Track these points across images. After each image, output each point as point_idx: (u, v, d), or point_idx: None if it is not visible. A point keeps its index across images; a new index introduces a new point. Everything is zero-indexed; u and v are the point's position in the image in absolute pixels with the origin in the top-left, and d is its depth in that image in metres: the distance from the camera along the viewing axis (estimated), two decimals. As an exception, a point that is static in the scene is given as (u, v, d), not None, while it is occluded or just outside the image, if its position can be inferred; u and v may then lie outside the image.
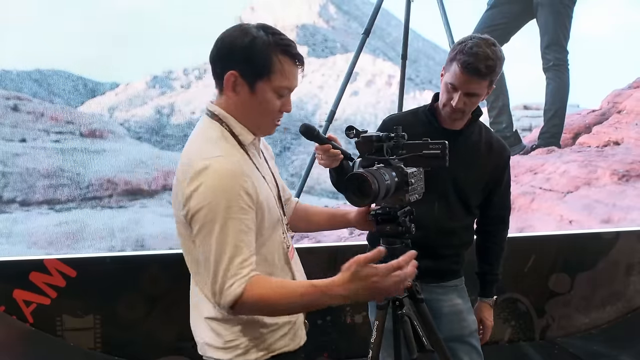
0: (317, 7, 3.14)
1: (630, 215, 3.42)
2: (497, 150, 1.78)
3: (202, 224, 1.12)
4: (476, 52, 1.55)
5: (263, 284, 1.13)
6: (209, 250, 1.12)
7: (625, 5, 3.69)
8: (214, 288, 1.13)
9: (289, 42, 1.20)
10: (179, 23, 2.81)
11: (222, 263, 1.11)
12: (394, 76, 3.25)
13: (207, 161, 1.13)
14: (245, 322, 1.23)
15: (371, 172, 1.25)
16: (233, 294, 1.10)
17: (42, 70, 2.74)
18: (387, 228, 1.39)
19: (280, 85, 1.20)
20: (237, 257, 1.11)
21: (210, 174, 1.11)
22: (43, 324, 2.61)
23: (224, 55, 1.19)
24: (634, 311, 3.45)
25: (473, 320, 1.84)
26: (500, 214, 1.87)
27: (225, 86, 1.20)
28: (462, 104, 1.62)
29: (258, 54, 1.16)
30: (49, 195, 2.67)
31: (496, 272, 1.88)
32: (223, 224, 1.10)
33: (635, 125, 3.54)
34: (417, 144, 1.41)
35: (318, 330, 2.85)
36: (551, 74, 3.38)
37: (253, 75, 1.18)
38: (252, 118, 1.23)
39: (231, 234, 1.11)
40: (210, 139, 1.20)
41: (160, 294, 2.70)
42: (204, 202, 1.11)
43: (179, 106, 2.88)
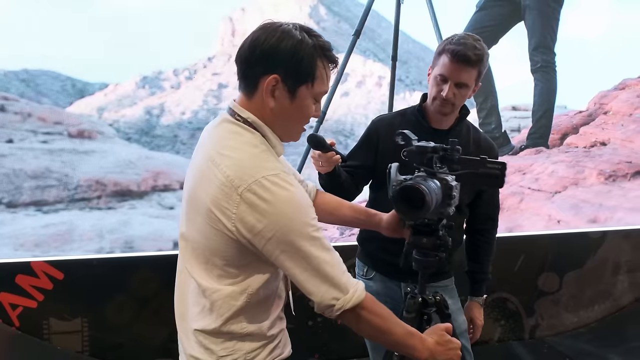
0: (307, 9, 3.15)
1: (616, 214, 3.47)
2: (485, 148, 1.78)
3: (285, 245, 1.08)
4: (464, 42, 1.59)
5: (376, 301, 1.17)
6: (310, 262, 1.09)
7: (610, 8, 3.75)
8: (336, 290, 1.11)
9: (329, 46, 1.14)
10: (168, 23, 2.80)
11: (336, 266, 1.11)
12: (384, 77, 3.26)
13: (271, 177, 1.06)
14: (240, 337, 1.19)
15: (425, 185, 1.21)
16: (360, 293, 1.12)
17: (30, 71, 2.71)
18: (423, 240, 1.34)
19: (320, 90, 1.14)
20: (331, 253, 1.12)
21: (279, 192, 1.06)
22: (30, 327, 2.57)
23: (264, 57, 1.09)
24: (622, 310, 3.49)
25: (463, 320, 1.85)
26: (489, 213, 1.88)
27: (264, 91, 1.10)
28: (452, 94, 1.63)
29: (304, 58, 1.09)
30: (37, 197, 2.64)
31: (486, 270, 1.89)
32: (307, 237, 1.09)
33: (621, 126, 3.59)
34: (474, 161, 1.34)
35: (309, 331, 2.84)
36: (539, 76, 3.42)
37: (296, 80, 1.10)
38: (287, 125, 1.16)
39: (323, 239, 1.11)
40: (260, 150, 1.12)
41: (150, 296, 2.67)
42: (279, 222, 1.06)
43: (168, 107, 2.86)
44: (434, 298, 1.45)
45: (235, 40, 3.09)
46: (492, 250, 1.90)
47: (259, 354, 1.21)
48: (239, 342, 1.19)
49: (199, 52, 2.69)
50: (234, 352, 1.19)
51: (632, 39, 3.70)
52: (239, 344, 1.19)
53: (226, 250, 1.12)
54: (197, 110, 2.88)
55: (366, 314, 1.15)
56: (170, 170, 2.77)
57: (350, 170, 1.74)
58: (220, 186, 1.07)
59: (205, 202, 1.10)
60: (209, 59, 2.91)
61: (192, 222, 1.17)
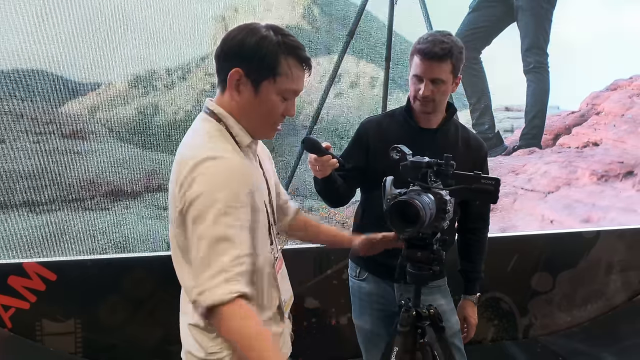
0: (300, 9, 3.14)
1: (609, 214, 3.49)
2: (475, 146, 1.80)
3: (199, 211, 1.06)
4: (431, 39, 1.63)
5: (249, 311, 1.05)
6: (201, 239, 1.05)
7: (602, 10, 3.78)
8: (200, 282, 1.05)
9: (299, 45, 1.16)
10: (161, 23, 2.79)
11: (212, 256, 1.04)
12: (377, 78, 3.27)
13: (212, 152, 1.10)
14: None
15: (419, 200, 1.21)
16: (218, 296, 1.03)
17: (21, 70, 2.69)
18: (418, 254, 1.35)
19: (286, 87, 1.16)
20: (230, 251, 1.04)
21: (214, 164, 1.08)
22: (22, 328, 2.56)
23: (230, 52, 1.15)
24: (615, 309, 3.51)
25: (456, 320, 1.85)
26: (481, 212, 1.88)
27: (229, 84, 1.15)
28: (430, 91, 1.64)
29: (266, 54, 1.12)
30: (29, 197, 2.62)
31: (479, 269, 1.89)
32: (220, 214, 1.04)
33: (613, 127, 3.61)
34: (468, 176, 1.36)
35: (302, 332, 2.84)
36: (532, 76, 3.44)
37: (259, 75, 1.13)
38: (253, 119, 1.18)
39: (224, 227, 1.04)
40: (211, 135, 1.16)
41: (144, 297, 2.66)
42: (203, 189, 1.06)
43: (162, 106, 2.85)
44: (427, 311, 1.45)
45: (229, 41, 3.08)
46: (484, 249, 1.90)
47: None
48: (219, 339, 1.17)
49: (192, 52, 2.67)
50: (222, 350, 1.18)
51: (623, 41, 3.72)
52: (227, 342, 1.16)
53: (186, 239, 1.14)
54: (190, 110, 2.87)
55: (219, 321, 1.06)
56: (163, 171, 2.76)
57: (343, 173, 1.74)
58: (175, 166, 1.14)
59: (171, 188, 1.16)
60: (201, 58, 2.90)
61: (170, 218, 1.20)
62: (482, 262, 1.90)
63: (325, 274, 2.78)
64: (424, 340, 1.41)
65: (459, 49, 1.66)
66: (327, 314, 2.86)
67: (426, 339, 1.42)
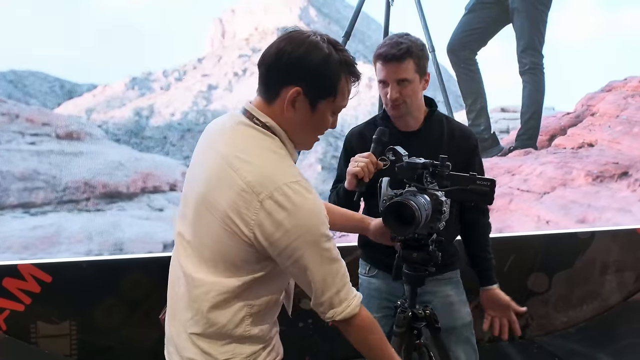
0: (297, 10, 3.15)
1: (604, 215, 3.50)
2: (460, 137, 1.77)
3: (297, 256, 1.09)
4: (387, 43, 1.65)
5: (374, 321, 1.21)
6: (317, 263, 1.10)
7: (597, 11, 3.80)
8: (327, 297, 1.14)
9: (354, 62, 1.15)
10: (158, 24, 2.79)
11: (333, 274, 1.12)
12: (374, 79, 3.26)
13: (293, 177, 1.08)
14: (238, 338, 1.17)
15: (414, 201, 1.22)
16: (353, 308, 1.15)
17: (17, 71, 2.68)
18: (413, 255, 1.36)
19: (341, 105, 1.15)
20: (341, 268, 1.15)
21: (303, 191, 1.07)
22: (17, 331, 2.54)
23: (289, 68, 1.09)
24: (610, 309, 3.52)
25: (467, 312, 1.82)
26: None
27: (286, 101, 1.10)
28: (397, 92, 1.64)
29: (330, 75, 1.10)
30: (24, 199, 2.61)
31: (487, 257, 1.82)
32: (326, 240, 1.10)
33: (608, 128, 3.63)
34: (464, 177, 1.37)
35: (300, 333, 2.83)
36: (527, 78, 3.45)
37: (319, 94, 1.11)
38: (304, 134, 1.17)
39: (333, 247, 1.12)
40: (280, 156, 1.13)
41: (140, 298, 2.65)
42: (295, 236, 1.07)
43: (158, 108, 2.85)
44: (423, 312, 1.45)
45: (225, 42, 3.08)
46: (486, 239, 1.86)
47: (258, 356, 1.20)
48: (239, 345, 1.17)
49: (189, 53, 2.67)
50: (234, 356, 1.17)
51: (618, 42, 3.75)
52: (238, 347, 1.17)
53: (239, 255, 1.11)
54: (186, 112, 2.87)
55: (354, 330, 1.18)
56: (159, 172, 2.76)
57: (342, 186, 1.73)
58: (240, 192, 1.06)
59: (223, 208, 1.09)
60: (198, 60, 2.90)
61: (203, 226, 1.14)
62: (489, 251, 1.83)
63: (321, 275, 2.78)
64: (420, 341, 1.41)
65: (419, 46, 1.66)
66: (323, 315, 2.86)
67: (422, 339, 1.42)
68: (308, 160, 2.99)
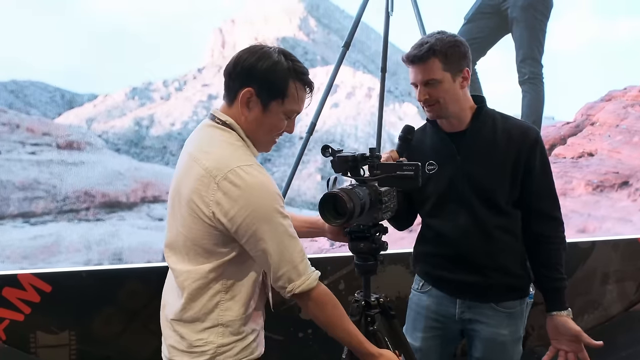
0: (297, 21, 3.17)
1: (604, 224, 3.50)
2: (518, 135, 1.58)
3: (263, 216, 1.18)
4: (414, 45, 1.58)
5: (332, 295, 1.25)
6: (272, 240, 1.19)
7: (596, 22, 3.82)
8: (282, 272, 1.21)
9: (305, 71, 1.27)
10: (158, 34, 2.81)
11: (290, 249, 1.20)
12: (373, 88, 3.29)
13: (245, 167, 1.19)
14: (213, 325, 1.26)
15: (346, 192, 1.26)
16: (311, 281, 1.21)
17: (19, 81, 2.70)
18: (360, 245, 1.40)
19: (292, 108, 1.26)
20: (298, 244, 1.22)
21: (254, 178, 1.18)
22: (16, 341, 2.53)
23: (243, 72, 1.25)
24: (611, 319, 3.50)
25: (518, 351, 1.64)
26: (541, 207, 1.58)
27: (240, 101, 1.24)
28: (426, 94, 1.57)
29: (277, 78, 1.23)
30: (24, 208, 2.61)
31: (557, 276, 1.56)
32: (281, 216, 1.19)
33: (607, 137, 3.64)
34: (391, 165, 1.41)
35: (299, 343, 2.82)
36: (527, 87, 3.46)
37: (269, 96, 1.24)
38: (258, 134, 1.28)
39: (288, 226, 1.21)
40: (231, 144, 1.25)
41: (139, 308, 2.64)
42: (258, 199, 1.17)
43: (158, 118, 2.86)
44: (377, 300, 1.47)
45: (225, 52, 3.10)
46: (558, 251, 1.57)
47: (231, 349, 1.27)
48: (213, 333, 1.26)
49: (189, 64, 2.69)
50: (207, 344, 1.26)
51: (617, 52, 3.76)
52: (212, 336, 1.26)
53: (206, 239, 1.22)
54: (186, 122, 2.88)
55: (313, 304, 1.24)
56: (159, 182, 2.77)
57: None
58: (200, 178, 1.20)
59: (187, 194, 1.23)
60: (198, 70, 2.92)
61: (177, 218, 1.27)
62: (560, 268, 1.56)
63: (321, 284, 2.78)
64: (374, 327, 1.43)
65: (447, 43, 1.55)
66: (323, 325, 2.85)
67: (375, 326, 1.44)
68: (308, 170, 3.00)
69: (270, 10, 3.17)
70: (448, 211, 1.61)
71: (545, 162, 1.59)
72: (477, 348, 1.64)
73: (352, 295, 1.27)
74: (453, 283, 1.62)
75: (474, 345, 1.67)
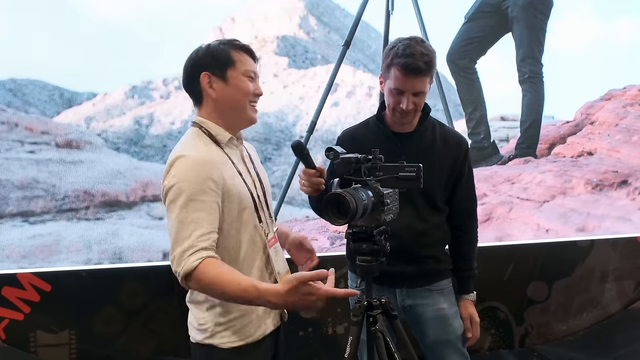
0: (297, 19, 3.16)
1: (604, 223, 3.50)
2: (454, 143, 1.79)
3: (171, 199, 1.29)
4: (411, 52, 1.60)
5: (215, 266, 1.24)
6: (173, 222, 1.28)
7: (596, 21, 3.82)
8: (173, 256, 1.26)
9: (236, 40, 1.42)
10: (158, 32, 2.80)
11: (182, 234, 1.25)
12: (374, 87, 3.28)
13: (183, 151, 1.32)
14: (211, 307, 1.37)
15: (349, 192, 1.28)
16: (189, 266, 1.23)
17: (17, 79, 2.68)
18: (363, 246, 1.41)
19: (246, 69, 1.39)
20: (197, 230, 1.26)
21: (181, 161, 1.30)
22: (16, 340, 2.53)
23: (191, 67, 1.39)
24: (610, 318, 3.52)
25: (459, 324, 1.83)
26: (466, 207, 1.86)
27: (203, 88, 1.38)
28: (412, 104, 1.65)
29: (218, 53, 1.38)
30: (23, 207, 2.60)
31: (471, 266, 1.86)
32: (185, 202, 1.27)
33: (607, 136, 3.64)
34: (394, 166, 1.44)
35: (300, 342, 2.82)
36: (527, 86, 3.46)
37: (221, 68, 1.37)
38: (230, 107, 1.39)
39: (192, 211, 1.26)
40: (188, 140, 1.39)
41: (139, 307, 2.64)
42: (172, 182, 1.29)
43: (158, 116, 2.85)
44: (379, 301, 1.49)
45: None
46: (473, 245, 1.88)
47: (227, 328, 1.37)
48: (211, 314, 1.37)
49: (189, 62, 2.66)
50: (206, 322, 1.38)
51: (617, 50, 3.76)
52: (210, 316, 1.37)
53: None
54: (186, 120, 2.87)
55: (194, 285, 1.27)
56: (159, 181, 2.74)
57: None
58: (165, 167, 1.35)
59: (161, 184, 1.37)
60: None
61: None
62: (474, 259, 1.87)
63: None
64: (376, 327, 1.46)
65: (435, 55, 1.66)
66: (323, 324, 2.86)
67: (377, 326, 1.46)
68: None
69: (271, 9, 3.15)
70: None
71: (471, 170, 1.85)
72: (426, 332, 1.80)
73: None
74: (393, 275, 1.72)
75: (422, 331, 1.82)
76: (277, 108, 3.04)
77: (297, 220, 3.05)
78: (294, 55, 3.16)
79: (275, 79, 3.12)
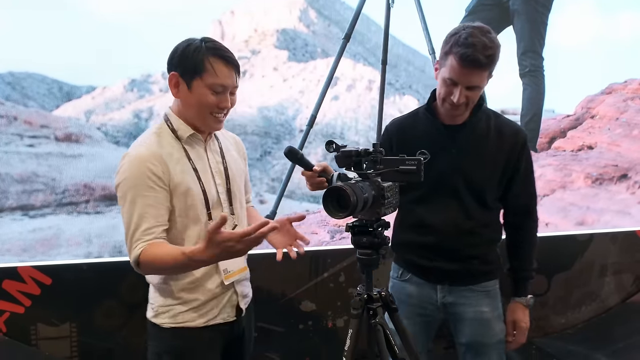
0: (297, 12, 3.14)
1: (603, 217, 3.51)
2: (510, 135, 1.64)
3: (119, 196, 1.38)
4: (473, 42, 1.46)
5: (156, 248, 1.33)
6: (123, 218, 1.37)
7: (597, 14, 3.80)
8: (127, 249, 1.36)
9: (221, 47, 1.40)
10: (157, 26, 2.78)
11: (130, 229, 1.34)
12: (374, 81, 3.27)
13: (131, 149, 1.39)
14: (157, 290, 1.49)
15: (350, 186, 1.27)
16: (135, 254, 1.33)
17: (15, 73, 2.67)
18: (363, 239, 1.42)
19: (213, 82, 1.37)
20: (142, 225, 1.34)
21: (126, 159, 1.36)
22: (17, 333, 2.54)
23: (169, 60, 1.42)
24: (609, 311, 3.53)
25: (501, 329, 1.74)
26: (524, 204, 1.72)
27: (170, 86, 1.41)
28: (464, 98, 1.53)
29: (191, 57, 1.36)
30: (23, 201, 2.60)
31: (527, 268, 1.74)
32: (132, 198, 1.34)
33: (607, 130, 3.64)
34: (394, 160, 1.43)
35: (300, 335, 2.83)
36: (528, 80, 3.45)
37: (189, 74, 1.37)
38: (191, 113, 1.41)
39: (138, 207, 1.34)
40: (145, 135, 1.44)
41: (139, 300, 2.64)
42: (119, 180, 1.36)
43: (157, 110, 2.84)
44: (379, 294, 1.49)
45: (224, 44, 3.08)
46: (532, 246, 1.74)
47: (168, 310, 1.46)
48: (157, 295, 1.48)
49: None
50: (154, 302, 1.50)
51: (618, 44, 3.75)
52: (156, 297, 1.49)
53: None
54: (186, 114, 2.85)
55: (145, 270, 1.37)
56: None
57: None
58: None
59: None
60: (198, 62, 2.88)
61: None
62: (532, 261, 1.75)
63: (321, 277, 2.78)
64: (376, 320, 1.46)
65: (499, 49, 1.51)
66: (323, 317, 2.86)
67: (377, 319, 1.46)
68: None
69: (270, 2, 3.14)
70: (438, 202, 1.63)
71: (530, 163, 1.70)
72: (463, 331, 1.73)
73: (352, 287, 1.28)
74: (433, 270, 1.68)
75: (459, 330, 1.75)
76: (277, 102, 3.03)
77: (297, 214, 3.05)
78: (294, 49, 3.15)
79: (275, 73, 3.10)
